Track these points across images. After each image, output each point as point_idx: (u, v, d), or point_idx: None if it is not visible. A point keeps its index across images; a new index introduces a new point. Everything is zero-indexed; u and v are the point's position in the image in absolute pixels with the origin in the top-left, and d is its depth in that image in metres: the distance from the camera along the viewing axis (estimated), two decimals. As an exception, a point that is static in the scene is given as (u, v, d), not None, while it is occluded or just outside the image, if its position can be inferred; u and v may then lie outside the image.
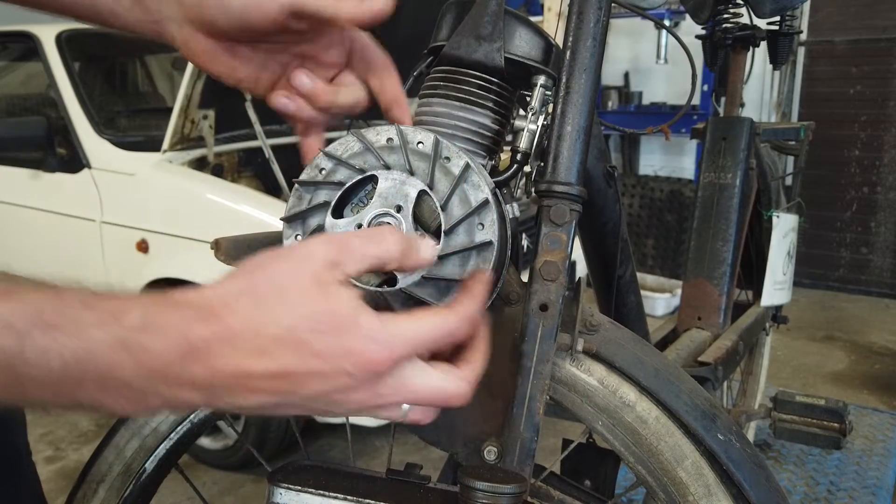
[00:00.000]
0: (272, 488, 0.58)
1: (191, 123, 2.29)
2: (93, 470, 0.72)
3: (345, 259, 0.45)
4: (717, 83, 1.85)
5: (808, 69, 4.36)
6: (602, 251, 1.18)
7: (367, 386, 0.44)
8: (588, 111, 0.62)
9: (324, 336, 0.43)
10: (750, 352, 2.11)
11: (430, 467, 0.62)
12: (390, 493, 0.58)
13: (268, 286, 0.44)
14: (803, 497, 2.16)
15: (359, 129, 0.57)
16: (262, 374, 0.43)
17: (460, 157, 0.55)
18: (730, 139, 1.51)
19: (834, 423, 1.50)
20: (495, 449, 0.61)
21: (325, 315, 0.43)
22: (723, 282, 1.45)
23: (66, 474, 2.34)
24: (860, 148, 4.28)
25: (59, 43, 2.65)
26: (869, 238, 4.34)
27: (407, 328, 0.45)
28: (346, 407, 0.46)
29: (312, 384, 0.44)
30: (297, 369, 0.43)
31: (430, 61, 0.69)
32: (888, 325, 3.81)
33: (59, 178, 2.47)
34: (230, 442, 2.34)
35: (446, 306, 0.49)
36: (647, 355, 0.64)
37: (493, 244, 0.54)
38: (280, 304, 0.43)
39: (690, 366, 1.28)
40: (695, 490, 0.61)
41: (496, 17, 0.63)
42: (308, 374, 0.43)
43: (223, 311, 0.43)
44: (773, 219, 1.62)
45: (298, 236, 0.56)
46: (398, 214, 0.55)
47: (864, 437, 2.51)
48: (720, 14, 1.67)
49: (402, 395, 0.46)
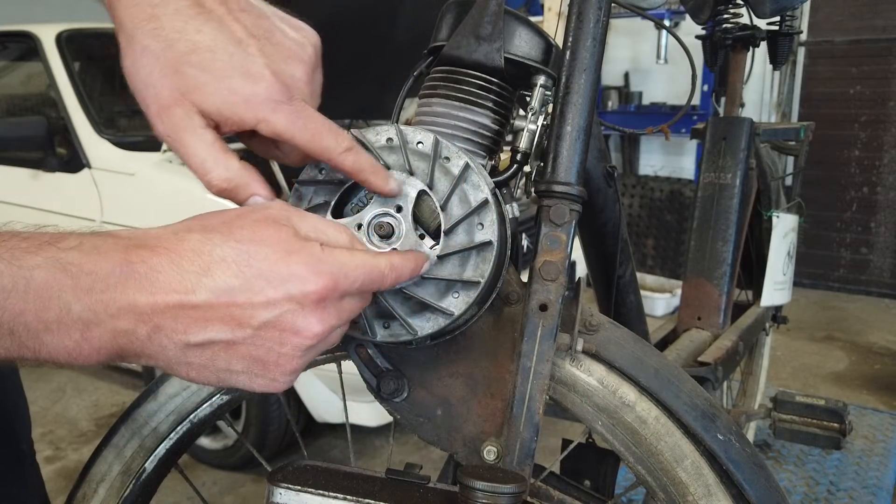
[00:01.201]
0: (272, 488, 0.58)
1: (191, 123, 2.29)
2: (93, 470, 0.72)
3: (299, 218, 0.48)
4: (717, 83, 1.85)
5: (808, 69, 4.36)
6: (602, 251, 1.18)
7: (314, 309, 0.45)
8: (588, 111, 0.62)
9: (268, 258, 0.43)
10: (750, 352, 2.11)
11: (430, 467, 0.62)
12: (390, 493, 0.58)
13: (218, 221, 0.45)
14: (803, 497, 2.16)
15: (359, 129, 0.57)
16: (207, 303, 0.42)
17: (460, 157, 0.55)
18: (730, 139, 1.51)
19: (834, 423, 1.50)
20: (495, 449, 0.61)
21: (271, 239, 0.44)
22: (723, 282, 1.45)
23: (66, 474, 2.34)
24: (860, 148, 4.28)
25: (59, 43, 2.65)
26: (869, 238, 4.34)
27: (346, 258, 0.46)
28: (299, 343, 0.45)
29: (261, 312, 0.43)
30: (243, 295, 0.43)
31: (430, 61, 0.69)
32: (888, 325, 3.81)
33: (59, 177, 2.47)
34: (230, 442, 2.34)
35: (390, 252, 0.52)
36: (647, 355, 0.64)
37: (493, 244, 0.54)
38: (228, 232, 0.44)
39: (690, 366, 1.28)
40: (695, 490, 0.61)
41: (496, 17, 0.63)
42: (255, 301, 0.43)
43: (170, 239, 0.43)
44: (773, 219, 1.62)
45: (298, 236, 0.56)
46: (398, 214, 0.55)
47: (864, 437, 2.51)
48: (720, 14, 1.67)
49: (343, 317, 0.48)
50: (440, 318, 0.55)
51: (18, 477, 0.83)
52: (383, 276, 0.50)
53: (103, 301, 0.41)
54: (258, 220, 0.45)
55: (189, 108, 0.49)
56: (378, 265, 0.50)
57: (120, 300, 0.41)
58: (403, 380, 0.64)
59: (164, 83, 0.49)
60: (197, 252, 0.43)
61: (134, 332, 0.42)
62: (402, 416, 0.65)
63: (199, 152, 0.50)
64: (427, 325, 0.55)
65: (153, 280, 0.42)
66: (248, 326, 0.44)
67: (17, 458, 0.83)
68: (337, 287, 0.46)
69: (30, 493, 0.84)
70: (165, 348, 0.43)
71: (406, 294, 0.54)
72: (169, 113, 0.49)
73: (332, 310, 0.47)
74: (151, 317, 0.42)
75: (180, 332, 0.43)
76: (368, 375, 0.64)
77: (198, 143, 0.50)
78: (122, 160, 2.37)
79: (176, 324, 0.42)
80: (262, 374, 0.46)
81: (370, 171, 0.54)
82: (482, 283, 0.54)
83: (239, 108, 0.50)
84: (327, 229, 0.50)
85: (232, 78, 0.49)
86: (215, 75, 0.49)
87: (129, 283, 0.41)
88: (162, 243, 0.43)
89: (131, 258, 0.41)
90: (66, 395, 2.95)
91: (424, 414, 0.64)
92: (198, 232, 0.44)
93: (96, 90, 2.84)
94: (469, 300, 0.54)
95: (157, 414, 0.72)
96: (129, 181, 2.32)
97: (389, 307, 0.55)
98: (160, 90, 0.49)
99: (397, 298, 0.55)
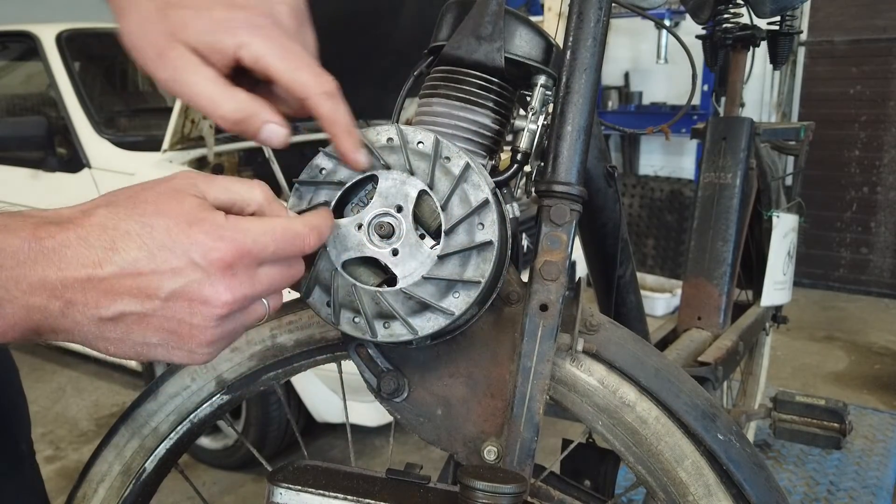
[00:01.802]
0: (272, 488, 0.58)
1: (191, 123, 2.29)
2: (93, 470, 0.72)
3: (206, 183, 0.48)
4: (717, 83, 1.85)
5: (808, 69, 4.36)
6: (602, 251, 1.18)
7: (220, 277, 0.45)
8: (588, 111, 0.62)
9: (170, 230, 0.44)
10: (750, 352, 2.11)
11: (430, 467, 0.62)
12: (390, 493, 0.58)
13: (124, 196, 0.46)
14: (803, 497, 2.16)
15: (360, 128, 0.57)
16: (114, 275, 0.43)
17: (460, 157, 0.55)
18: (730, 139, 1.52)
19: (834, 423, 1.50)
20: (495, 449, 0.61)
21: (173, 212, 0.44)
22: (723, 282, 1.45)
23: (66, 474, 2.34)
24: (860, 148, 4.28)
25: (59, 43, 2.65)
26: (869, 238, 4.34)
27: (251, 225, 0.46)
28: (209, 313, 0.46)
29: (166, 282, 0.44)
30: (147, 265, 0.43)
31: (430, 61, 0.69)
32: (888, 325, 3.81)
33: (59, 177, 2.47)
34: (230, 442, 2.34)
35: (295, 216, 0.51)
36: (647, 355, 0.64)
37: (494, 244, 0.54)
38: (132, 206, 0.45)
39: (690, 366, 1.28)
40: (695, 490, 0.61)
41: (496, 17, 0.63)
42: (160, 270, 0.44)
43: (77, 216, 0.44)
44: (773, 219, 1.62)
45: (298, 236, 0.56)
46: (398, 214, 0.55)
47: (864, 437, 2.51)
48: (720, 14, 1.67)
49: (257, 288, 0.47)
50: (440, 317, 0.55)
51: (18, 477, 0.83)
52: (302, 238, 0.49)
53: (14, 277, 0.42)
54: (161, 193, 0.46)
55: (182, 48, 0.50)
56: (292, 227, 0.49)
57: (30, 276, 0.42)
58: (404, 380, 0.64)
59: (155, 29, 0.51)
60: (103, 227, 0.43)
61: (46, 307, 0.43)
62: (402, 416, 0.65)
63: (204, 89, 0.51)
64: (427, 325, 0.55)
65: (62, 255, 0.43)
66: (155, 298, 0.44)
67: (16, 458, 0.82)
68: (244, 253, 0.46)
69: (30, 493, 0.84)
70: (80, 323, 0.44)
71: (406, 294, 0.54)
72: (166, 58, 0.51)
73: (244, 277, 0.46)
74: (63, 292, 0.43)
75: (91, 306, 0.44)
76: (369, 375, 0.64)
77: (201, 81, 0.51)
78: (122, 160, 2.37)
79: (86, 297, 0.43)
80: (178, 345, 0.47)
81: (344, 128, 0.53)
82: (483, 283, 0.54)
83: (220, 34, 0.51)
84: (239, 188, 0.49)
85: (213, 9, 0.51)
86: (198, 9, 0.51)
87: (39, 258, 0.42)
88: (69, 220, 0.44)
89: (40, 234, 0.42)
90: (66, 394, 2.95)
91: (425, 414, 0.64)
92: (104, 207, 0.45)
93: (96, 90, 2.84)
94: (469, 300, 0.54)
95: (157, 414, 0.72)
96: (129, 181, 2.31)
97: (390, 307, 0.55)
98: (153, 37, 0.51)
99: (398, 298, 0.55)
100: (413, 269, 0.55)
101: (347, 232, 0.55)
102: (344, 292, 0.55)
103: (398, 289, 0.54)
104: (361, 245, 0.55)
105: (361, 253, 0.55)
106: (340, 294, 0.55)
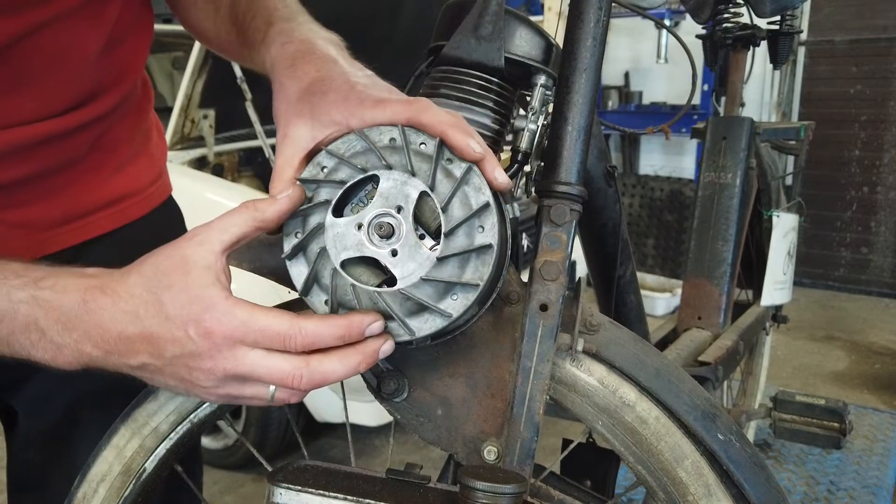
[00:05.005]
0: (272, 488, 0.58)
1: (191, 123, 2.29)
2: (93, 470, 0.72)
3: (209, 233, 0.54)
4: (717, 83, 1.85)
5: (808, 69, 4.36)
6: (602, 251, 1.18)
7: (209, 354, 0.52)
8: (588, 111, 0.62)
9: (176, 306, 0.52)
10: (750, 352, 2.11)
11: (430, 467, 0.62)
12: (390, 493, 0.58)
13: (150, 264, 0.54)
14: (803, 497, 2.16)
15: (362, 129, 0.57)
16: (135, 336, 0.53)
17: (462, 160, 0.55)
18: (730, 139, 1.52)
19: (834, 422, 1.50)
20: (495, 449, 0.61)
21: (181, 285, 0.52)
22: (723, 281, 1.45)
23: (66, 474, 2.34)
24: (860, 148, 4.28)
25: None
26: (869, 238, 4.34)
27: (244, 313, 0.52)
28: (204, 376, 0.53)
29: (169, 347, 0.52)
30: (157, 332, 0.52)
31: (430, 61, 0.69)
32: (888, 325, 3.81)
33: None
34: (230, 442, 2.34)
35: (300, 315, 0.54)
36: (647, 355, 0.64)
37: (493, 247, 0.54)
38: (153, 276, 0.53)
39: (690, 366, 1.28)
40: (695, 490, 0.61)
41: (496, 16, 0.63)
42: (165, 338, 0.52)
43: (117, 281, 0.54)
44: (774, 218, 1.62)
45: (298, 234, 0.56)
46: (398, 215, 0.55)
47: (864, 437, 2.51)
48: (720, 14, 1.67)
49: (240, 368, 0.53)
50: (438, 319, 0.55)
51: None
52: (283, 338, 0.52)
53: (67, 330, 0.53)
54: (176, 263, 0.53)
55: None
56: (274, 326, 0.52)
57: (79, 329, 0.53)
58: (404, 380, 0.64)
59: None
60: (131, 294, 0.53)
61: (92, 353, 0.54)
62: (402, 416, 0.65)
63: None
64: (425, 327, 0.55)
65: (101, 316, 0.53)
66: (162, 357, 0.53)
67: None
68: (226, 335, 0.52)
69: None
70: (117, 366, 0.55)
71: (405, 295, 0.54)
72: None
73: (228, 354, 0.52)
74: (102, 344, 0.53)
75: (123, 356, 0.54)
76: (369, 375, 0.64)
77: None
78: (122, 160, 2.37)
79: (118, 349, 0.53)
80: (191, 390, 0.55)
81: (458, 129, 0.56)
82: (481, 285, 0.54)
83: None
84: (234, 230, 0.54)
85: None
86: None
87: (84, 317, 0.53)
88: (109, 284, 0.54)
89: (87, 297, 0.53)
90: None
91: (424, 414, 0.64)
92: (136, 274, 0.54)
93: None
94: (468, 302, 0.54)
95: (157, 414, 0.71)
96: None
97: (388, 307, 0.55)
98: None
99: (396, 299, 0.55)
100: (412, 271, 0.54)
101: (347, 231, 0.55)
102: (342, 292, 0.55)
103: (396, 289, 0.54)
104: (361, 245, 0.55)
105: (361, 253, 0.55)
106: (339, 293, 0.55)
